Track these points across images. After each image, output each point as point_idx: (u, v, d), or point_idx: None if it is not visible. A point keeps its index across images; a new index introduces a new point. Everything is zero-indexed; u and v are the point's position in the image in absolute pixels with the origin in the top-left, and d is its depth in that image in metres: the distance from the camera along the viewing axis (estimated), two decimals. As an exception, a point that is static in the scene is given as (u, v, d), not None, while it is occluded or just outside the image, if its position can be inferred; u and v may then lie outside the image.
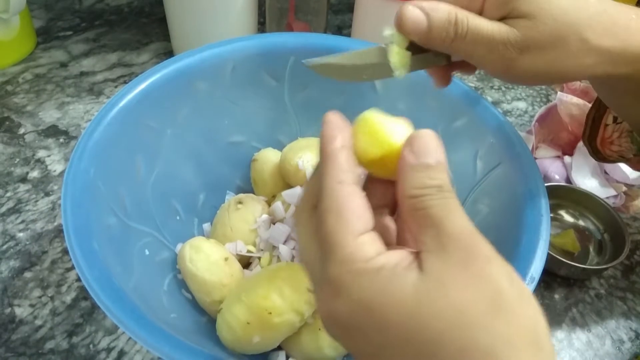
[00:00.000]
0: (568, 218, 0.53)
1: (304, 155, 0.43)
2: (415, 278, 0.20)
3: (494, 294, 0.20)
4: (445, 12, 0.29)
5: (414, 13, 0.29)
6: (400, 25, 0.30)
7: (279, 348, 0.39)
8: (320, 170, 0.24)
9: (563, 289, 0.49)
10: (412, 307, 0.20)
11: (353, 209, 0.22)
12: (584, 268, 0.47)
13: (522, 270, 0.31)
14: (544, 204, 0.36)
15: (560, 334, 0.46)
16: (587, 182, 0.54)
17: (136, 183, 0.40)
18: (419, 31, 0.29)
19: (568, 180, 0.56)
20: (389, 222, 0.26)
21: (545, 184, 0.52)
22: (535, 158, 0.57)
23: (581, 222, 0.53)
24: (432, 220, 0.21)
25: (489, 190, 0.40)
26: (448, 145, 0.24)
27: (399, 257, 0.21)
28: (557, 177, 0.55)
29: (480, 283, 0.20)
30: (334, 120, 0.24)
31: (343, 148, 0.23)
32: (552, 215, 0.52)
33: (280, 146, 0.49)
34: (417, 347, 0.20)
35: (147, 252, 0.38)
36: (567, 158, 0.56)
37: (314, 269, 0.23)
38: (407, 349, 0.20)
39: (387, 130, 0.24)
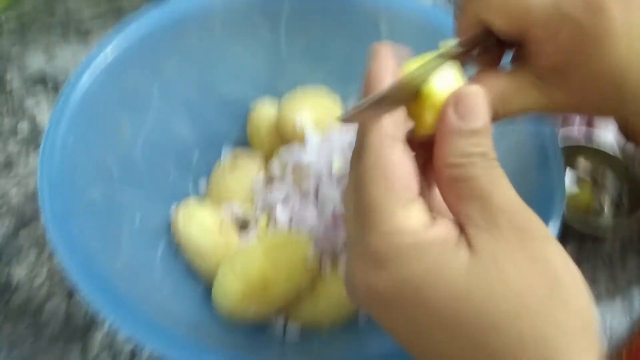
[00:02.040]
0: (585, 171, 0.50)
1: (302, 113, 0.40)
2: (467, 257, 0.18)
3: (551, 278, 0.18)
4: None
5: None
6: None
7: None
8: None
9: (575, 242, 0.47)
10: (466, 290, 0.18)
11: (402, 174, 0.19)
12: (598, 225, 0.45)
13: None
14: (559, 165, 0.33)
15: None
16: (608, 134, 0.51)
17: (123, 145, 0.37)
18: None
19: (587, 132, 0.52)
20: None
21: (562, 137, 0.49)
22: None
23: (599, 176, 0.50)
24: (478, 193, 0.19)
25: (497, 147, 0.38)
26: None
27: (447, 230, 0.19)
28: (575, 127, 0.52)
29: (538, 266, 0.18)
30: (386, 57, 0.20)
31: None
32: (568, 167, 0.50)
33: (279, 95, 0.45)
34: (469, 333, 0.18)
35: (137, 221, 0.36)
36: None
37: (351, 232, 0.21)
38: (458, 334, 0.18)
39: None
